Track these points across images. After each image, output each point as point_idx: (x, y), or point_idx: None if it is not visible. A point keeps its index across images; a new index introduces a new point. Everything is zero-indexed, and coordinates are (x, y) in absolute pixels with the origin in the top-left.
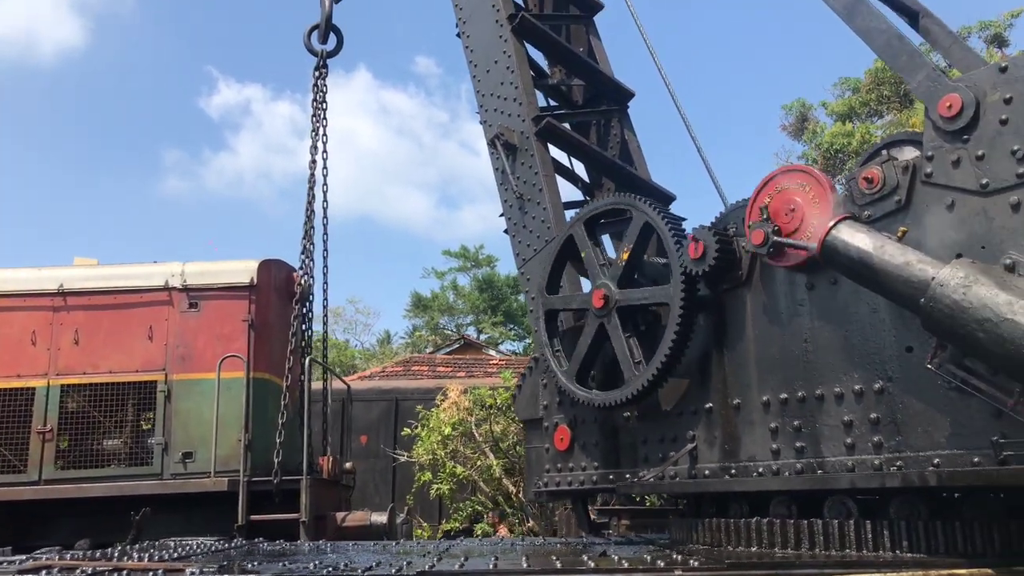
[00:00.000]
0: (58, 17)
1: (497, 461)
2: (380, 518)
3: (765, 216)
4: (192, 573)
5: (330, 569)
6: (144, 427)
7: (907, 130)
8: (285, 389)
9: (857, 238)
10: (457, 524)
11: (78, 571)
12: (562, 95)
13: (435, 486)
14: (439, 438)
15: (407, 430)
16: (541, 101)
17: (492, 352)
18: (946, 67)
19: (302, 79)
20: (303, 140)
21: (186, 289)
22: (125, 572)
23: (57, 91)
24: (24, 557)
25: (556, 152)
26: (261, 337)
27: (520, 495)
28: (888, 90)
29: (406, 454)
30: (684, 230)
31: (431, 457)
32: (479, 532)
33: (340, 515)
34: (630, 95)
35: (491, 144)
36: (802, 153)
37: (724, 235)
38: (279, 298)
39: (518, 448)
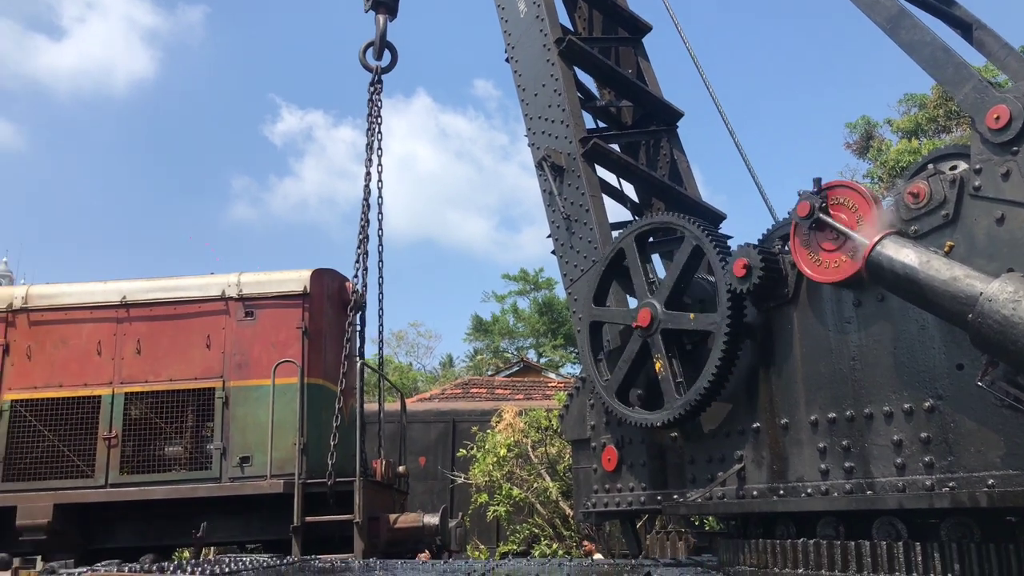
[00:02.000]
0: (131, 49)
1: (554, 484)
2: (432, 519)
3: (818, 188)
4: None
5: None
6: (203, 433)
7: (954, 143)
8: (339, 393)
9: (902, 253)
10: (514, 547)
11: None
12: (611, 116)
13: (492, 508)
14: (495, 460)
15: (463, 451)
16: (590, 123)
17: (551, 375)
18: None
19: (362, 104)
20: (363, 165)
21: (242, 299)
22: None
23: (130, 120)
24: (84, 569)
25: (605, 173)
26: (315, 344)
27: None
28: (956, 105)
29: (463, 475)
30: (730, 249)
31: (487, 479)
32: (537, 554)
33: (393, 516)
34: (679, 115)
35: (539, 166)
36: (867, 171)
37: (769, 252)
38: (332, 307)
39: None
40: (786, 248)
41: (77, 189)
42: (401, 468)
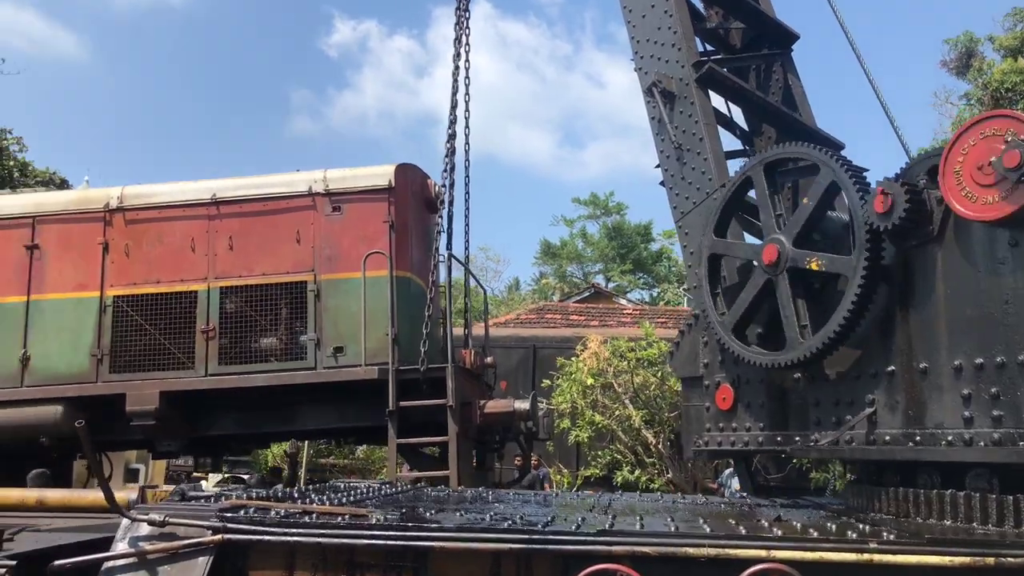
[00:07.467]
0: None
1: (637, 412)
2: (523, 405)
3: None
4: (378, 519)
5: (510, 523)
6: (296, 325)
7: None
8: (431, 283)
9: None
10: (596, 471)
11: (272, 512)
12: (719, 39)
13: (573, 433)
14: (580, 388)
15: (547, 381)
16: (698, 46)
17: (623, 301)
18: None
19: (414, 13)
20: (422, 79)
21: (328, 194)
22: (314, 515)
23: (189, 31)
24: (212, 492)
25: (712, 99)
26: (401, 238)
27: (659, 445)
28: None
29: (545, 401)
30: (869, 185)
31: (570, 406)
32: (619, 480)
33: (483, 402)
34: (795, 37)
35: (648, 92)
36: (964, 93)
37: (914, 188)
38: (416, 202)
39: (658, 400)
40: (931, 183)
41: (143, 102)
42: (489, 359)
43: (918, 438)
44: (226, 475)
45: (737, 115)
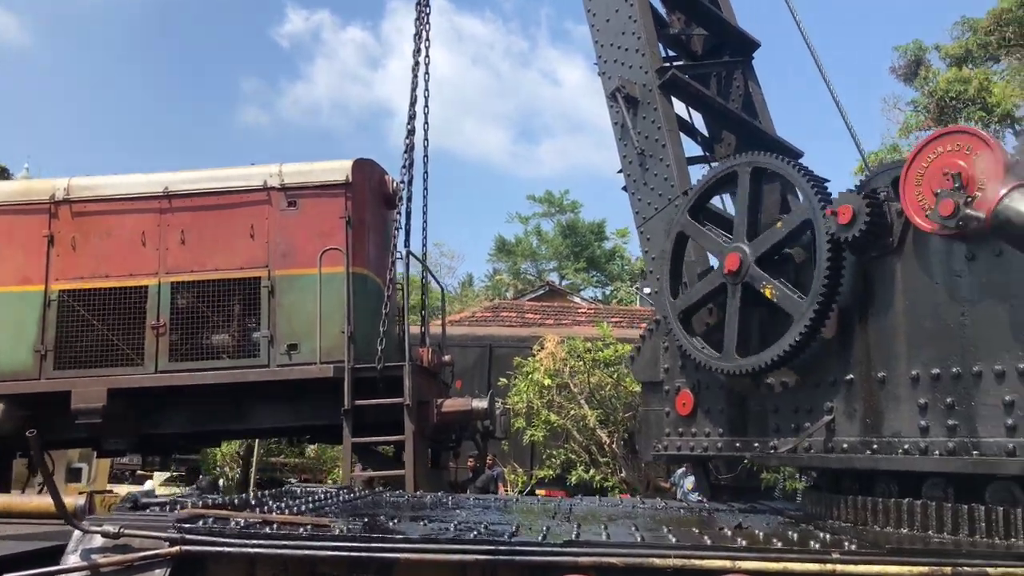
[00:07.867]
0: None
1: (591, 412)
2: (481, 403)
3: (957, 184)
4: (340, 530)
5: (476, 533)
6: (250, 322)
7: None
8: (388, 281)
9: None
10: (551, 472)
11: (231, 522)
12: (682, 45)
13: (529, 432)
14: (537, 388)
15: (503, 380)
16: (660, 52)
17: (577, 300)
18: None
19: (368, 4)
20: (376, 71)
21: (284, 188)
22: (275, 525)
23: (137, 17)
24: (165, 500)
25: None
26: (358, 234)
27: (613, 445)
28: (1013, 31)
29: (501, 401)
30: (830, 196)
31: (526, 406)
32: (573, 479)
33: (440, 400)
34: (755, 45)
35: (611, 97)
36: (911, 100)
37: (875, 199)
38: (373, 197)
39: (613, 400)
40: (891, 195)
41: (87, 87)
42: (447, 357)
43: (875, 446)
44: (173, 473)
45: (698, 121)
